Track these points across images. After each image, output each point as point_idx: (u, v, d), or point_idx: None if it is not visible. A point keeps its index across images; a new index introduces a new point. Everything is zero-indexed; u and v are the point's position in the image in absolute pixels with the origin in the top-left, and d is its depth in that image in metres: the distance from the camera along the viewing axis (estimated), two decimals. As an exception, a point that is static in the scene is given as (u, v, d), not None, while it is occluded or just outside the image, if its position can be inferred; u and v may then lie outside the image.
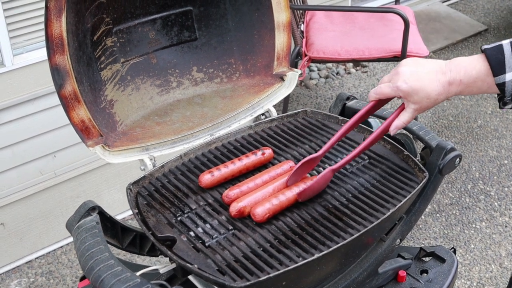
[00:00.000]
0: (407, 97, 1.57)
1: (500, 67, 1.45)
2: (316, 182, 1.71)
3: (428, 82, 1.54)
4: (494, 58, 1.46)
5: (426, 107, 1.58)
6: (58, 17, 1.67)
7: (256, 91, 2.10)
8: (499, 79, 1.46)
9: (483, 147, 4.01)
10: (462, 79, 1.51)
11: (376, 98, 1.66)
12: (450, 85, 1.53)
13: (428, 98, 1.55)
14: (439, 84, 1.53)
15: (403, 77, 1.56)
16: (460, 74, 1.52)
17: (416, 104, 1.57)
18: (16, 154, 2.95)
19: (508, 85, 1.45)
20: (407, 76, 1.56)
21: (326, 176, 1.73)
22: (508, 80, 1.45)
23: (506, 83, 1.45)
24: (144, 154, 1.87)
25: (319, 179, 1.71)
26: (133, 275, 1.45)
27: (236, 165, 1.81)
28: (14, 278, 3.12)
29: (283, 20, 2.09)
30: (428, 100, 1.55)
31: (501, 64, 1.45)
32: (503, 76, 1.45)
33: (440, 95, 1.55)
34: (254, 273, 1.50)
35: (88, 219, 1.62)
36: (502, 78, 1.45)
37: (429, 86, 1.54)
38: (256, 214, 1.65)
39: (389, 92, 1.60)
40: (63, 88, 1.73)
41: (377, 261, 1.86)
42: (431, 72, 1.55)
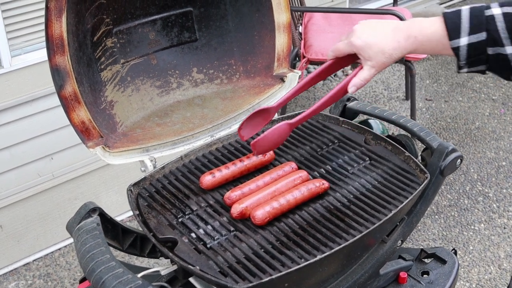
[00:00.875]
0: (361, 52, 1.57)
1: (455, 31, 1.46)
2: (270, 133, 1.66)
3: (382, 37, 1.55)
4: (451, 22, 1.46)
5: (383, 63, 1.57)
6: (58, 17, 1.67)
7: (257, 92, 2.10)
8: (454, 43, 1.46)
9: (481, 149, 4.01)
10: (417, 36, 1.52)
11: (333, 55, 1.66)
12: (405, 41, 1.53)
13: (383, 53, 1.55)
14: (394, 39, 1.54)
15: (357, 33, 1.58)
16: (415, 31, 1.52)
17: (372, 60, 1.57)
18: (14, 155, 2.94)
19: (462, 50, 1.46)
20: (361, 32, 1.58)
21: (281, 128, 1.68)
22: (462, 45, 1.45)
23: (460, 47, 1.45)
24: (144, 155, 1.87)
25: (273, 130, 1.66)
26: (135, 277, 1.44)
27: (237, 166, 1.81)
28: (11, 280, 3.11)
29: (283, 21, 2.08)
30: (383, 55, 1.55)
31: (456, 29, 1.45)
32: (458, 40, 1.45)
33: (395, 50, 1.54)
34: (256, 275, 1.50)
35: (89, 220, 1.61)
36: (456, 42, 1.46)
37: (383, 40, 1.54)
38: (256, 217, 1.64)
39: (344, 48, 1.61)
40: (64, 88, 1.72)
41: (378, 263, 1.85)
42: (386, 28, 1.56)
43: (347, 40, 1.60)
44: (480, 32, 1.43)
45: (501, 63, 1.44)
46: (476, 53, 1.45)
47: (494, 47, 1.43)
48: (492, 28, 1.42)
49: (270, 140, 1.68)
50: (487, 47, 1.44)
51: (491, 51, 1.44)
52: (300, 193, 1.71)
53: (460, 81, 4.73)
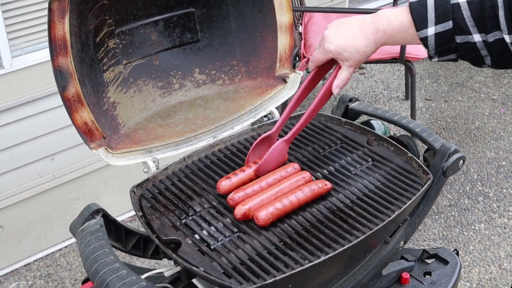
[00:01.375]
0: (338, 56, 1.61)
1: (422, 22, 1.46)
2: (270, 155, 1.77)
3: (352, 37, 1.58)
4: (417, 12, 1.46)
5: (359, 60, 1.61)
6: (61, 18, 1.66)
7: (259, 93, 2.10)
8: (421, 33, 1.47)
9: (481, 149, 4.02)
10: (385, 29, 1.53)
11: (313, 66, 1.71)
12: (374, 35, 1.55)
13: (357, 51, 1.58)
14: (364, 36, 1.57)
15: (328, 39, 1.61)
16: (383, 24, 1.53)
17: (349, 60, 1.61)
18: (15, 156, 2.94)
19: (430, 40, 1.46)
20: (332, 37, 1.61)
21: (279, 147, 1.79)
22: (430, 35, 1.46)
23: (428, 37, 1.46)
24: (147, 157, 1.87)
25: (272, 151, 1.78)
26: (139, 278, 1.44)
27: (252, 168, 1.80)
28: (12, 281, 3.11)
29: (285, 21, 2.08)
30: (358, 53, 1.58)
31: (423, 19, 1.46)
32: (425, 30, 1.46)
33: (368, 47, 1.57)
34: (260, 276, 1.50)
35: (92, 222, 1.61)
36: (424, 32, 1.46)
37: (354, 40, 1.58)
38: (259, 218, 1.64)
39: (321, 56, 1.65)
40: (66, 90, 1.72)
41: (381, 263, 1.85)
42: (354, 27, 1.59)
43: (321, 48, 1.64)
44: (447, 21, 1.43)
45: (470, 51, 1.44)
46: (444, 42, 1.45)
47: (462, 35, 1.42)
48: (458, 17, 1.41)
49: (271, 161, 1.79)
50: (454, 35, 1.43)
51: (459, 39, 1.43)
52: (303, 194, 1.71)
53: (460, 81, 4.73)
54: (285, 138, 1.80)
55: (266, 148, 1.81)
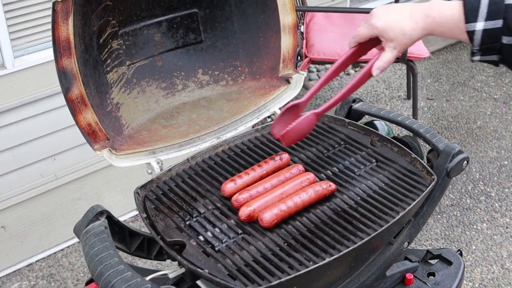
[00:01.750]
0: (383, 34, 1.59)
1: (473, 15, 1.45)
2: (298, 124, 1.69)
3: (401, 17, 1.57)
4: (470, 5, 1.46)
5: (404, 44, 1.59)
6: (65, 20, 1.66)
7: (262, 94, 2.10)
8: (469, 26, 1.46)
9: (483, 148, 4.01)
10: (435, 16, 1.52)
11: (355, 42, 1.67)
12: (423, 21, 1.54)
13: (403, 33, 1.56)
14: (412, 20, 1.55)
15: (376, 15, 1.60)
16: (433, 11, 1.53)
17: (393, 41, 1.58)
18: (17, 156, 2.94)
19: (477, 34, 1.45)
20: (381, 14, 1.59)
21: (308, 118, 1.71)
22: (477, 29, 1.45)
23: (475, 31, 1.45)
24: (151, 158, 1.86)
25: (301, 121, 1.70)
26: (143, 280, 1.44)
27: (257, 171, 1.80)
28: (14, 281, 3.10)
29: (288, 22, 2.08)
30: (404, 35, 1.57)
31: (474, 12, 1.45)
32: (474, 24, 1.45)
33: (414, 31, 1.56)
34: (265, 278, 1.50)
35: (97, 223, 1.61)
36: (472, 26, 1.45)
37: (403, 21, 1.56)
38: (263, 220, 1.64)
39: (366, 32, 1.62)
40: (70, 91, 1.72)
41: (385, 264, 1.85)
42: (404, 9, 1.58)
43: (367, 24, 1.61)
44: (497, 19, 1.42)
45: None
46: (490, 40, 1.44)
47: (509, 36, 1.42)
48: (509, 17, 1.41)
49: (298, 130, 1.71)
50: (502, 35, 1.42)
51: (506, 40, 1.43)
52: (308, 195, 1.71)
53: (462, 80, 4.73)
54: (316, 111, 1.72)
55: (292, 117, 1.73)
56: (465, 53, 5.04)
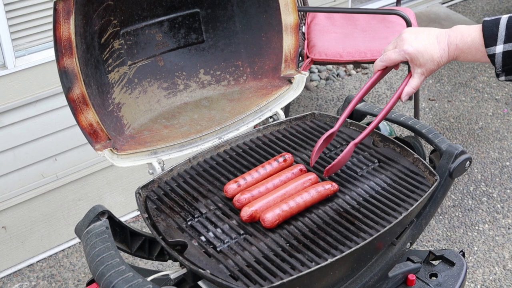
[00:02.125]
0: (413, 60, 1.64)
1: (492, 39, 1.52)
2: (342, 158, 1.78)
3: (430, 44, 1.62)
4: (488, 30, 1.52)
5: (431, 70, 1.65)
6: (66, 19, 1.66)
7: (264, 94, 2.09)
8: (489, 50, 1.52)
9: (485, 149, 4.00)
10: (458, 43, 1.58)
11: (383, 65, 1.72)
12: (448, 48, 1.60)
13: (432, 60, 1.62)
14: (440, 47, 1.61)
15: (408, 41, 1.64)
16: (457, 39, 1.59)
17: (422, 67, 1.64)
18: (18, 156, 2.93)
19: (498, 57, 1.51)
20: (412, 40, 1.64)
21: (350, 151, 1.80)
22: (498, 52, 1.51)
23: (496, 54, 1.51)
24: (152, 158, 1.86)
25: (345, 154, 1.79)
26: (145, 281, 1.43)
27: (260, 173, 1.80)
28: (15, 281, 3.10)
29: (291, 22, 2.07)
30: (432, 62, 1.62)
31: (493, 36, 1.51)
32: (494, 48, 1.51)
33: (442, 58, 1.62)
34: (267, 278, 1.49)
35: (98, 224, 1.61)
36: (492, 49, 1.52)
37: (432, 48, 1.62)
38: (265, 220, 1.63)
39: (396, 57, 1.67)
40: (72, 91, 1.71)
41: (387, 265, 1.84)
42: (432, 36, 1.63)
43: (398, 49, 1.66)
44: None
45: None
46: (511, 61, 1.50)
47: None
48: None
49: (341, 162, 1.80)
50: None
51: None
52: (310, 195, 1.70)
53: (463, 81, 4.72)
54: (355, 141, 1.80)
55: (324, 144, 1.83)
56: (467, 53, 5.03)
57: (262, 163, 1.87)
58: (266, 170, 1.82)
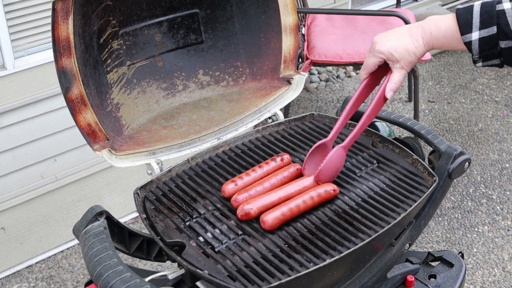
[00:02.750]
0: (389, 57, 1.64)
1: (467, 26, 1.51)
2: (328, 161, 1.73)
3: (402, 39, 1.63)
4: (463, 18, 1.52)
5: (410, 62, 1.64)
6: (65, 19, 1.66)
7: (263, 95, 2.09)
8: (465, 37, 1.52)
9: (484, 151, 4.00)
10: (432, 31, 1.58)
11: (365, 73, 1.72)
12: (422, 38, 1.60)
13: (408, 52, 1.62)
14: (413, 38, 1.61)
15: (379, 42, 1.66)
16: (430, 27, 1.59)
17: (400, 61, 1.64)
18: (17, 157, 2.93)
19: (474, 44, 1.51)
20: (382, 40, 1.65)
21: (338, 153, 1.74)
22: (474, 39, 1.51)
23: (472, 42, 1.51)
24: (151, 158, 1.86)
25: (331, 157, 1.73)
26: (142, 281, 1.43)
27: (257, 172, 1.79)
28: (14, 283, 3.09)
29: (290, 23, 2.07)
30: (408, 54, 1.62)
31: (468, 24, 1.51)
32: (470, 35, 1.51)
33: (417, 48, 1.61)
34: (265, 279, 1.49)
35: (96, 224, 1.60)
36: (468, 37, 1.51)
37: (404, 41, 1.62)
38: (266, 222, 1.62)
39: (372, 60, 1.67)
40: (70, 91, 1.71)
41: (386, 266, 1.84)
42: (402, 31, 1.64)
43: (372, 53, 1.67)
44: (491, 27, 1.48)
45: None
46: (488, 47, 1.50)
47: (506, 40, 1.47)
48: (502, 22, 1.46)
49: (331, 167, 1.75)
50: (498, 40, 1.47)
51: (503, 44, 1.48)
52: (311, 199, 1.68)
53: (463, 83, 4.72)
54: (342, 145, 1.76)
55: (321, 156, 1.77)
56: (467, 55, 5.03)
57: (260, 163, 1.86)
58: (264, 169, 1.82)
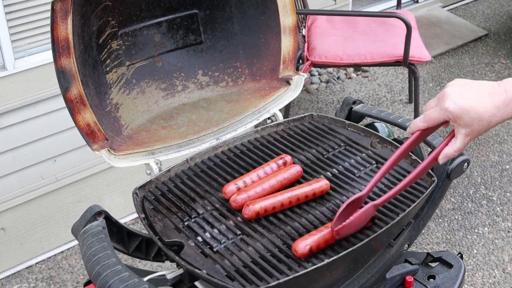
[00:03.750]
0: (456, 119, 1.41)
1: None
2: (356, 218, 1.60)
3: (479, 102, 1.39)
4: None
5: (478, 131, 1.42)
6: (64, 19, 1.66)
7: (262, 95, 2.09)
8: None
9: (485, 152, 4.00)
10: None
11: (425, 126, 1.50)
12: (506, 106, 1.38)
13: (480, 119, 1.39)
14: (493, 104, 1.38)
15: (451, 97, 1.41)
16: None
17: (467, 127, 1.41)
18: (17, 158, 2.93)
19: None
20: (456, 96, 1.40)
21: (367, 211, 1.61)
22: None
23: None
24: (150, 158, 1.86)
25: (359, 214, 1.60)
26: (141, 281, 1.43)
27: (259, 175, 1.79)
28: (14, 283, 3.10)
29: (289, 23, 2.08)
30: (480, 122, 1.39)
31: None
32: None
33: (493, 117, 1.39)
34: (263, 279, 1.49)
35: (94, 223, 1.60)
36: None
37: (481, 106, 1.38)
38: (297, 249, 1.56)
39: (437, 116, 1.44)
40: (69, 91, 1.71)
41: (385, 267, 1.84)
42: (482, 91, 1.40)
43: (439, 107, 1.44)
44: None
45: None
46: None
47: None
48: None
49: (356, 224, 1.62)
50: None
51: None
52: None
53: (463, 84, 4.71)
54: (375, 203, 1.61)
55: (352, 210, 1.61)
56: (467, 57, 5.04)
57: (260, 164, 1.86)
58: (266, 172, 1.82)
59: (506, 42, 5.28)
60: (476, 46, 5.23)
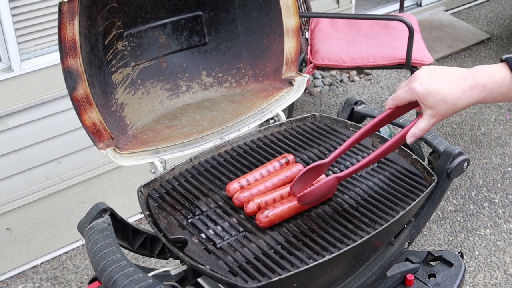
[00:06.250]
0: (422, 100, 1.50)
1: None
2: (318, 188, 1.66)
3: (445, 84, 1.46)
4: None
5: (443, 113, 1.49)
6: (71, 20, 1.69)
7: (265, 96, 2.12)
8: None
9: (487, 155, 4.02)
10: (485, 83, 1.45)
11: (393, 104, 1.59)
12: (472, 90, 1.46)
13: (445, 102, 1.47)
14: (459, 88, 1.46)
15: (419, 79, 1.50)
16: (483, 78, 1.45)
17: (432, 109, 1.49)
18: (23, 159, 2.96)
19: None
20: (424, 78, 1.49)
21: (329, 182, 1.67)
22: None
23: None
24: (154, 157, 1.88)
25: (321, 184, 1.66)
26: (146, 276, 1.45)
27: (262, 174, 1.82)
28: (19, 283, 3.12)
29: (292, 25, 2.10)
30: (445, 104, 1.47)
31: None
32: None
33: (459, 100, 1.46)
34: (265, 274, 1.51)
35: (100, 220, 1.63)
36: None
37: (446, 89, 1.46)
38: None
39: (405, 95, 1.54)
40: (75, 90, 1.74)
41: (385, 265, 1.86)
42: (450, 76, 1.48)
43: (407, 87, 1.52)
44: None
45: None
46: None
47: None
48: None
49: (317, 194, 1.67)
50: None
51: None
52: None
53: (466, 88, 4.74)
54: (338, 175, 1.66)
55: (314, 176, 1.68)
56: (470, 60, 5.06)
57: (263, 163, 1.89)
58: (268, 170, 1.85)
59: (509, 46, 5.30)
60: (478, 49, 5.25)
